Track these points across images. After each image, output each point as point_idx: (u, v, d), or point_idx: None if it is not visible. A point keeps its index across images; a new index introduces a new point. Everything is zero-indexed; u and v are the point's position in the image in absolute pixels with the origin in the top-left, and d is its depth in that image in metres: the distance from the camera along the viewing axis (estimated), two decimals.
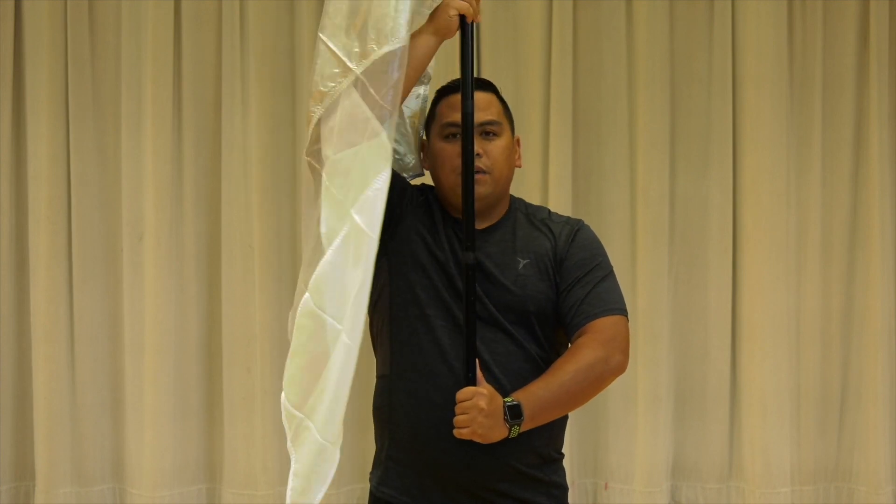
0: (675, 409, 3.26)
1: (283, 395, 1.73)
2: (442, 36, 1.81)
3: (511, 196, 1.97)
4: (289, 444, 1.74)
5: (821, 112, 3.25)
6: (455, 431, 1.74)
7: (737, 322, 3.25)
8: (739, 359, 3.24)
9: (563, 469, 1.92)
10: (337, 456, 1.72)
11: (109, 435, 3.25)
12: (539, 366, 1.83)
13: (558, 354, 1.85)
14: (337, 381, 1.71)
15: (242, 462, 3.19)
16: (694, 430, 3.27)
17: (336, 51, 1.73)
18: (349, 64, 1.72)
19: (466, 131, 1.81)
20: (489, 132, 1.88)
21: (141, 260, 3.18)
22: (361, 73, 1.71)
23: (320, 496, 1.70)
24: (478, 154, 1.84)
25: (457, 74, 1.85)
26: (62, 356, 3.19)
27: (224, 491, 3.22)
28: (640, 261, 3.21)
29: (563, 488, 1.91)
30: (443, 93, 1.94)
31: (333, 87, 1.73)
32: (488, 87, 1.94)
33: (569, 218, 1.97)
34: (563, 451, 1.93)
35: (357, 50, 1.72)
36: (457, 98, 1.86)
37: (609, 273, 1.89)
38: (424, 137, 1.99)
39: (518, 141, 1.97)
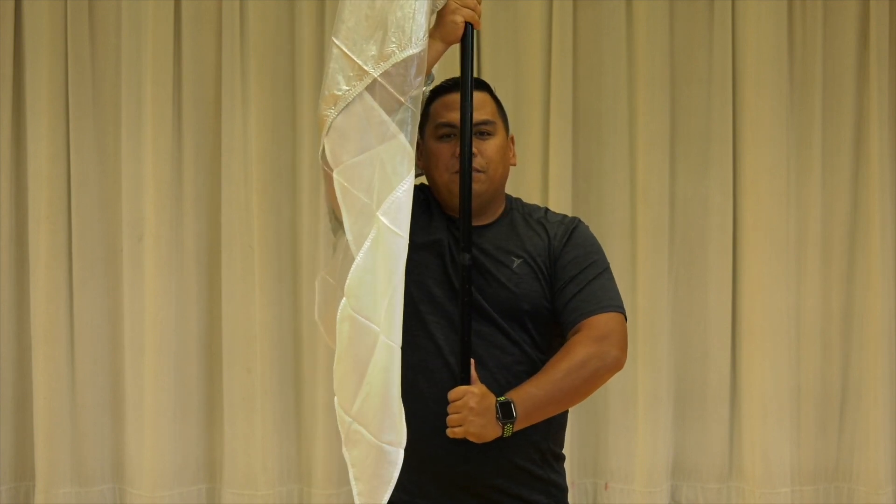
0: (675, 409, 3.26)
1: (335, 398, 1.74)
2: (449, 42, 1.82)
3: (507, 195, 1.97)
4: (343, 448, 1.74)
5: (821, 112, 3.25)
6: (448, 431, 1.75)
7: (737, 322, 3.25)
8: (739, 359, 3.24)
9: (563, 470, 1.92)
10: (400, 457, 1.72)
11: (109, 435, 3.25)
12: (533, 362, 1.84)
13: (553, 351, 1.85)
14: (383, 382, 1.70)
15: (242, 462, 3.19)
16: (694, 430, 3.27)
17: (350, 54, 1.72)
18: (365, 67, 1.71)
19: (465, 133, 1.81)
20: (483, 131, 1.89)
21: (141, 260, 3.18)
22: (379, 75, 1.71)
23: (386, 497, 1.71)
24: (473, 153, 1.84)
25: (455, 74, 1.85)
26: (62, 356, 3.19)
27: (224, 491, 3.22)
28: (640, 261, 3.21)
29: (563, 489, 1.91)
30: (436, 93, 1.94)
31: (348, 90, 1.72)
32: (482, 86, 1.95)
33: (564, 216, 1.97)
34: (564, 451, 1.93)
35: (374, 53, 1.71)
36: (451, 98, 1.87)
37: (604, 270, 1.88)
38: (419, 137, 1.99)
39: (512, 139, 1.98)
